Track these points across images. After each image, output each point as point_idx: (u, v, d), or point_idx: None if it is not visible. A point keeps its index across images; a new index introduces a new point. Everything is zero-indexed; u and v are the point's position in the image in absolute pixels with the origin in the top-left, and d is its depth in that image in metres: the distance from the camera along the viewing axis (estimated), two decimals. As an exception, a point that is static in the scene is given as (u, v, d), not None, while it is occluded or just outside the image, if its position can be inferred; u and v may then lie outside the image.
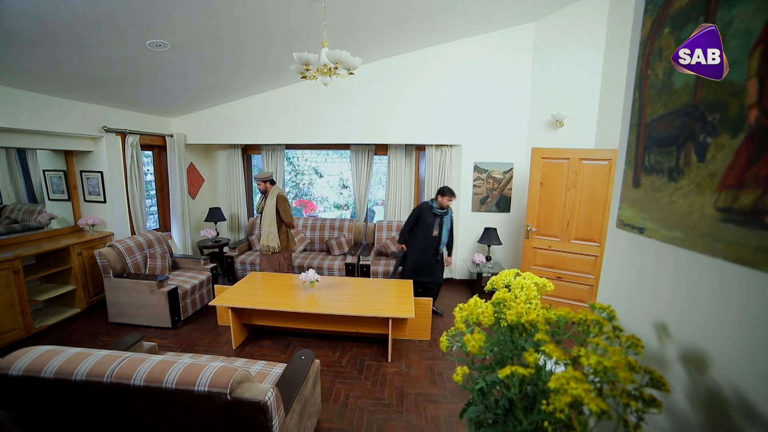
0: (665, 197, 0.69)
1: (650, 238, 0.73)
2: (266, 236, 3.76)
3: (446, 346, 0.70)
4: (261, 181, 3.77)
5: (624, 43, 3.48)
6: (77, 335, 3.36)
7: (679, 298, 0.67)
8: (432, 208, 3.61)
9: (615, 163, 3.46)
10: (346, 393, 2.65)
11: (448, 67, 4.43)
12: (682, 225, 0.66)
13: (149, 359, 1.45)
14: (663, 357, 0.68)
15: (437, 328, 3.62)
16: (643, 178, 0.70)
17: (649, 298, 0.70)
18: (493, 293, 0.91)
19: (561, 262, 3.87)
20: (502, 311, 0.63)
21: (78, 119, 3.66)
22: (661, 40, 0.70)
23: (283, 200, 3.74)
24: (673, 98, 0.68)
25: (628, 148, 0.70)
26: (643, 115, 0.69)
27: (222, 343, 3.31)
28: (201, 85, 3.97)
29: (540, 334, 0.54)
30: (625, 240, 0.72)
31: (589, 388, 0.44)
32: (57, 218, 4.04)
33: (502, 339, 0.60)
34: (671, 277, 0.69)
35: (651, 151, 0.70)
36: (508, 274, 0.84)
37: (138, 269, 3.71)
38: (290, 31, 3.09)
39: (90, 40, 2.55)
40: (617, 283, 0.75)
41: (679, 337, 0.65)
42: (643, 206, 0.69)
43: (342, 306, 3.09)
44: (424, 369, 2.96)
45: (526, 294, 0.69)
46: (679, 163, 0.66)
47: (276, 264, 3.91)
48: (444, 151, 4.72)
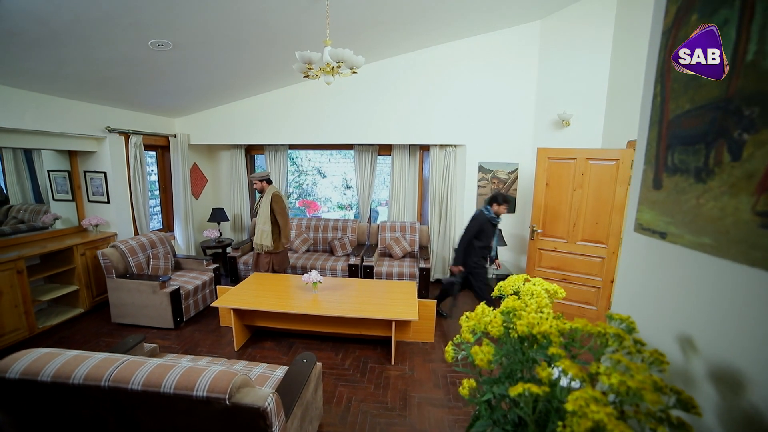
0: (692, 200, 0.63)
1: (673, 244, 0.67)
2: (260, 234, 3.76)
3: (452, 356, 0.66)
4: (257, 180, 3.75)
5: (633, 40, 3.41)
6: (80, 335, 3.36)
7: (707, 310, 0.61)
8: (492, 219, 3.39)
9: (622, 163, 3.41)
10: (348, 396, 2.61)
11: (453, 66, 4.39)
12: (712, 230, 0.60)
13: (147, 363, 1.43)
14: (689, 374, 0.62)
15: (441, 330, 3.58)
16: (665, 179, 0.65)
17: (672, 308, 0.64)
18: (500, 299, 0.87)
19: (567, 263, 3.81)
20: (512, 321, 0.59)
21: (81, 119, 3.67)
22: (688, 28, 0.64)
23: (278, 199, 3.72)
24: (702, 92, 0.63)
25: (647, 146, 0.64)
26: (665, 111, 0.64)
27: (224, 345, 3.29)
28: (203, 85, 3.96)
29: (554, 348, 0.50)
30: (644, 245, 0.66)
31: (613, 412, 0.40)
32: (61, 218, 4.05)
33: (512, 350, 0.57)
34: (698, 286, 0.63)
35: (675, 149, 0.64)
36: (517, 279, 0.80)
37: (141, 270, 3.70)
38: (293, 30, 3.07)
39: (92, 40, 2.54)
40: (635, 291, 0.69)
41: (709, 352, 0.59)
42: (665, 209, 0.64)
43: (345, 308, 3.05)
44: (428, 372, 2.91)
45: (537, 302, 0.65)
46: (709, 162, 0.60)
47: (269, 263, 3.89)
48: (448, 151, 4.67)
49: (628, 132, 3.48)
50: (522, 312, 0.58)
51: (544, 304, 0.63)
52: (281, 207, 3.73)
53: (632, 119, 3.44)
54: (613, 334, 0.50)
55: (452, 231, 4.76)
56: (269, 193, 3.72)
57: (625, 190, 3.41)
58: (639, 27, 3.34)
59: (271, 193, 3.72)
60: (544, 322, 0.54)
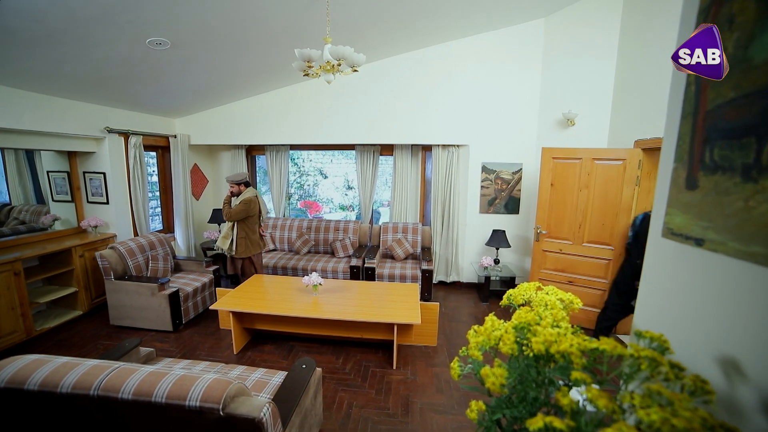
0: (738, 202, 0.55)
1: (713, 252, 0.59)
2: (220, 239, 3.68)
3: (458, 374, 0.60)
4: (234, 183, 3.57)
5: (641, 36, 3.34)
6: (78, 338, 3.32)
7: (757, 328, 0.53)
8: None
9: (630, 163, 3.33)
10: (349, 401, 2.55)
11: (456, 65, 4.32)
12: (766, 237, 0.52)
13: (140, 370, 1.37)
14: (735, 404, 0.54)
15: (444, 333, 3.51)
16: (701, 178, 0.57)
17: (712, 325, 0.55)
18: (509, 309, 0.80)
19: (572, 265, 3.73)
20: (526, 337, 0.53)
21: (80, 120, 3.63)
22: (733, 4, 0.58)
23: (246, 202, 3.54)
24: (750, 76, 0.55)
25: (678, 141, 0.57)
26: (702, 101, 0.56)
27: (223, 348, 3.24)
28: (203, 84, 3.92)
29: (578, 373, 0.44)
30: (674, 253, 0.59)
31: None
32: (61, 220, 4.02)
33: (525, 370, 0.51)
34: (745, 301, 0.55)
35: (714, 144, 0.57)
36: (528, 288, 0.73)
37: (139, 271, 3.66)
38: (293, 28, 3.02)
39: (89, 38, 2.50)
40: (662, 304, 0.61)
41: (760, 378, 0.51)
42: (701, 212, 0.56)
43: (346, 311, 2.99)
44: (431, 377, 2.85)
45: (552, 315, 0.58)
46: (762, 158, 0.52)
47: (239, 268, 3.79)
48: (451, 151, 4.61)
49: (636, 131, 3.40)
50: (537, 327, 0.52)
51: (561, 317, 0.57)
52: (242, 209, 3.52)
53: (640, 118, 3.36)
54: (647, 358, 0.43)
55: (455, 232, 4.70)
56: (243, 196, 3.58)
57: (633, 190, 3.33)
58: (648, 23, 3.26)
59: (244, 196, 3.58)
60: (564, 340, 0.48)
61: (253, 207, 3.60)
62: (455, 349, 3.25)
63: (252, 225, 3.71)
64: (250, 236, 3.73)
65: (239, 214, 3.54)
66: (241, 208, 3.53)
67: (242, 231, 3.66)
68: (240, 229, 3.64)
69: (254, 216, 3.69)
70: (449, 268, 4.82)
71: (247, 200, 3.56)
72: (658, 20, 3.11)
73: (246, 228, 3.68)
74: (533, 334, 0.52)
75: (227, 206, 3.59)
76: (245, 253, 3.71)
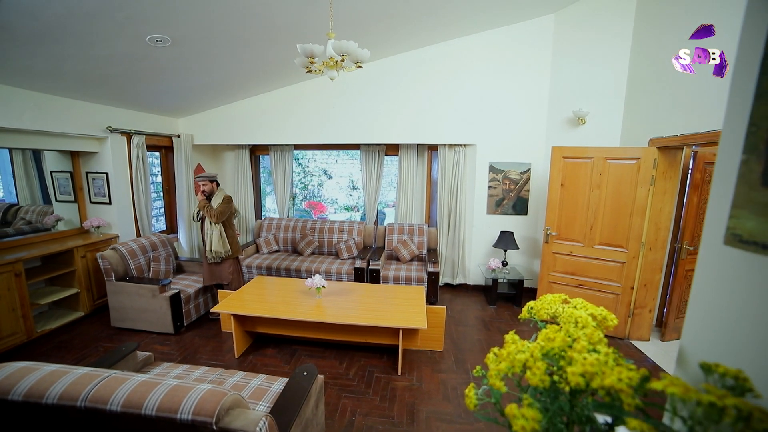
0: None
1: None
2: (211, 240, 3.48)
3: (474, 404, 0.51)
4: (207, 181, 3.47)
5: (657, 30, 3.20)
6: (79, 340, 3.28)
7: None
8: None
9: (644, 162, 3.20)
10: (352, 409, 2.46)
11: (463, 62, 4.22)
12: None
13: (130, 379, 1.30)
14: None
15: (450, 338, 3.41)
16: None
17: None
18: (528, 323, 0.71)
19: (583, 268, 3.61)
20: (558, 364, 0.44)
21: (82, 119, 3.60)
22: None
23: (227, 200, 3.47)
24: None
25: (750, 128, 0.47)
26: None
27: (225, 351, 3.17)
28: (205, 83, 3.86)
29: (635, 422, 0.35)
30: (740, 263, 0.48)
31: None
32: (64, 220, 3.99)
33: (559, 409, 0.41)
34: None
35: None
36: (553, 301, 0.64)
37: (141, 273, 3.61)
38: (295, 24, 2.95)
39: (88, 35, 2.45)
40: (727, 327, 0.50)
41: None
42: None
43: (349, 315, 2.91)
44: (437, 383, 2.75)
45: (587, 335, 0.49)
46: None
47: (222, 274, 3.61)
48: (458, 150, 4.50)
49: (650, 129, 3.27)
50: (573, 354, 0.43)
51: (597, 338, 0.48)
52: (226, 205, 3.44)
53: (655, 115, 3.23)
54: (734, 407, 0.34)
55: (462, 233, 4.59)
56: (220, 195, 3.49)
57: (647, 191, 3.21)
58: (664, 16, 3.14)
59: (222, 195, 3.50)
60: (609, 373, 0.38)
61: (232, 205, 3.57)
62: (462, 354, 3.15)
63: (233, 223, 3.68)
64: (236, 235, 3.71)
65: (226, 213, 3.49)
66: (225, 207, 3.46)
67: (230, 230, 3.62)
68: (227, 228, 3.59)
69: (232, 214, 3.66)
70: (456, 270, 4.72)
71: (227, 198, 3.51)
72: (676, 9, 2.98)
73: (232, 226, 3.65)
74: (567, 362, 0.43)
75: (210, 207, 3.42)
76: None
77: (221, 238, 3.51)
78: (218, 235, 3.49)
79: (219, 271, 3.62)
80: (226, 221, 3.56)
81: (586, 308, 0.62)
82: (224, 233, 3.53)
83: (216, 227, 3.48)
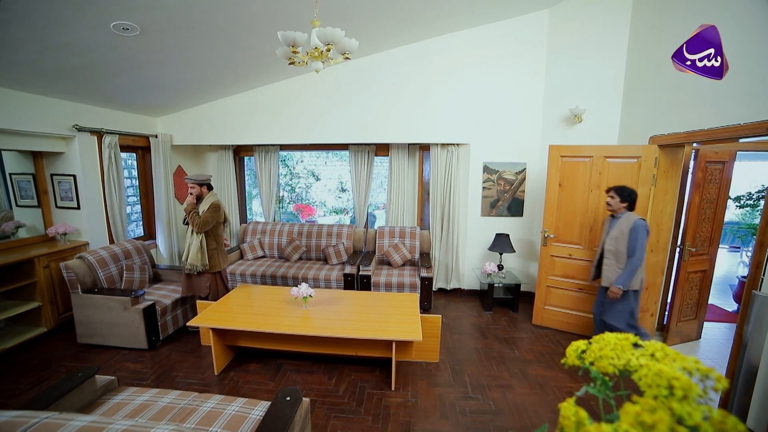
0: None
1: None
2: (187, 251, 3.20)
3: None
4: (196, 183, 3.16)
5: (655, 23, 3.09)
6: (38, 360, 2.96)
7: None
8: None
9: (645, 161, 3.08)
10: (343, 431, 2.25)
11: (455, 59, 4.07)
12: None
13: (66, 426, 1.06)
14: None
15: (446, 347, 3.22)
16: None
17: None
18: (571, 370, 0.52)
19: (583, 272, 3.47)
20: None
21: (45, 116, 3.30)
22: None
23: (215, 207, 3.15)
24: None
25: None
26: None
27: (204, 368, 2.92)
28: (182, 79, 3.60)
29: None
30: None
31: None
32: (26, 227, 3.67)
33: None
34: None
35: None
36: (618, 346, 0.45)
37: (112, 283, 3.32)
38: (279, 15, 2.73)
39: (41, 19, 2.19)
40: None
41: None
42: None
43: (338, 327, 2.69)
44: (434, 398, 2.56)
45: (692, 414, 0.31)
46: None
47: (199, 287, 3.29)
48: (450, 150, 4.34)
49: (650, 127, 3.16)
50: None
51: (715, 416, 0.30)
52: (210, 217, 3.12)
53: (654, 112, 3.12)
54: None
55: (455, 236, 4.42)
56: (208, 201, 3.18)
57: (649, 190, 3.09)
58: (662, 10, 3.03)
59: (210, 201, 3.18)
60: None
61: (221, 213, 3.23)
62: (459, 365, 2.96)
63: (220, 234, 3.34)
64: (221, 247, 3.35)
65: (210, 223, 3.14)
66: (209, 216, 3.12)
67: (212, 242, 3.26)
68: (210, 239, 3.24)
69: (221, 224, 3.32)
70: (449, 275, 4.54)
71: (215, 205, 3.17)
72: (674, 3, 2.88)
73: (216, 237, 3.29)
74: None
75: (196, 215, 3.11)
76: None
77: (200, 249, 3.17)
78: (197, 246, 3.17)
79: (197, 283, 3.31)
80: (209, 231, 3.24)
81: (671, 357, 0.43)
82: (204, 245, 3.20)
83: (197, 237, 3.17)
